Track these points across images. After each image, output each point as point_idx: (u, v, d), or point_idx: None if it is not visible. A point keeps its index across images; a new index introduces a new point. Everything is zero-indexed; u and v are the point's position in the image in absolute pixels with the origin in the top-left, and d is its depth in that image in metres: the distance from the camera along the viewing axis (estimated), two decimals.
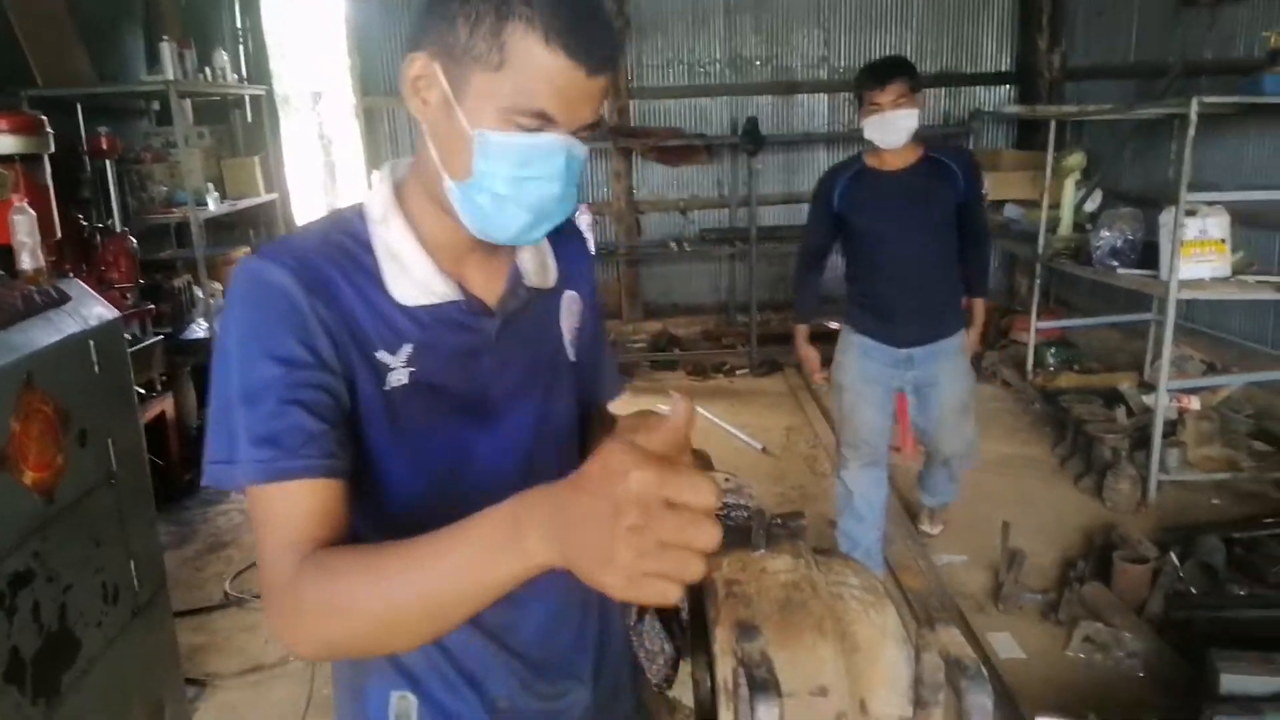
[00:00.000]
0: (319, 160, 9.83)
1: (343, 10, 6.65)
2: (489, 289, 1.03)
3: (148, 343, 4.02)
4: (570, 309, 1.13)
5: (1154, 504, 3.83)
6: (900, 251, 3.00)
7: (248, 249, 5.86)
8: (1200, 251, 3.88)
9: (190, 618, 3.34)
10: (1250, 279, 3.95)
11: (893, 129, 2.87)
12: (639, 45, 6.69)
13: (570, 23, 0.84)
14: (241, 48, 6.33)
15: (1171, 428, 4.04)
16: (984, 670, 0.89)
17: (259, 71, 6.33)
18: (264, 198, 5.75)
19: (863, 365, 3.15)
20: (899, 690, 1.01)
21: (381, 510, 0.97)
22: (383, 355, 0.95)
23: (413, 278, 0.96)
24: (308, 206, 7.15)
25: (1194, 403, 4.10)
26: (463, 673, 1.04)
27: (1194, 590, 3.09)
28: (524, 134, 0.87)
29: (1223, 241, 3.90)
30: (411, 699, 1.04)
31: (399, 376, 0.95)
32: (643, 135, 6.67)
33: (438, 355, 0.98)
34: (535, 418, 1.07)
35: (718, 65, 6.82)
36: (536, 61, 0.84)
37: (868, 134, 2.91)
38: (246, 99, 5.98)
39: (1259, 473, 3.92)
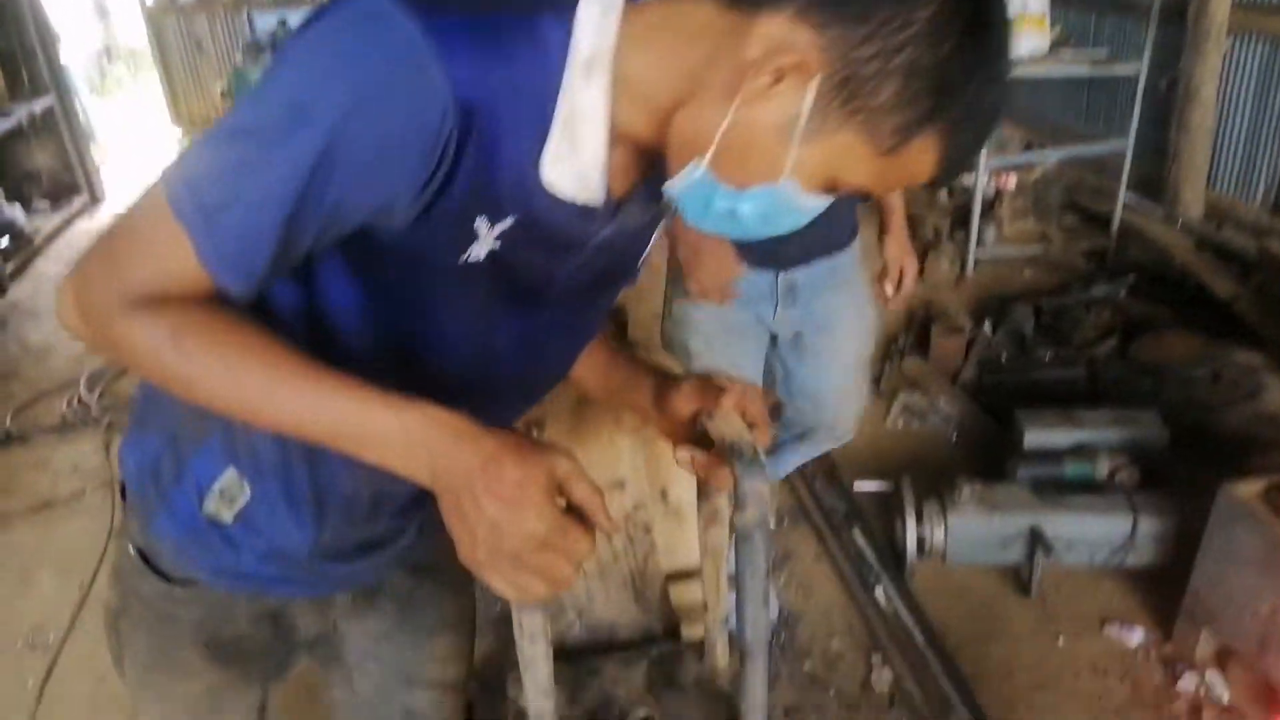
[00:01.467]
0: None
1: None
2: (620, 180, 0.80)
3: None
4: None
5: (971, 280, 3.99)
6: None
7: None
8: (1022, 28, 3.86)
9: None
10: (1067, 55, 4.00)
11: None
12: None
13: (964, 152, 0.73)
14: None
15: (989, 207, 4.15)
16: (760, 455, 0.84)
17: None
18: None
19: (721, 311, 2.00)
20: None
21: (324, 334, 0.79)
22: (479, 224, 0.73)
23: (575, 164, 0.73)
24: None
25: (1011, 181, 4.21)
26: (313, 488, 0.89)
27: (1005, 357, 3.24)
28: (821, 195, 0.74)
29: (1043, 17, 3.90)
30: (245, 487, 0.89)
31: (479, 251, 0.75)
32: None
33: (532, 237, 0.77)
34: (568, 320, 0.92)
35: None
36: (914, 170, 0.72)
37: None
38: None
39: (1066, 244, 4.11)
